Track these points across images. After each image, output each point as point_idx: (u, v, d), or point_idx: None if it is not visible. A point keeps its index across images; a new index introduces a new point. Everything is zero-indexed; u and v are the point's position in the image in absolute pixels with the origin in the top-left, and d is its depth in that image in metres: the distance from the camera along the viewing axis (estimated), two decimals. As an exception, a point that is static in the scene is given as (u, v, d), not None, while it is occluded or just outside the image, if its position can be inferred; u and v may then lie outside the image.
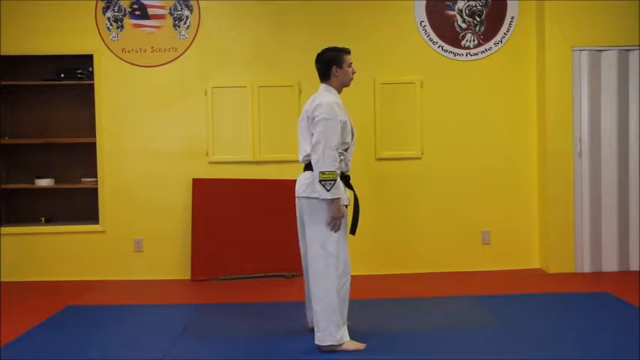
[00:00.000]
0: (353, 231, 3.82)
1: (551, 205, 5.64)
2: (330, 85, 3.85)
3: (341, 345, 3.66)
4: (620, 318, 4.27)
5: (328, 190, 3.56)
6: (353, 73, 3.88)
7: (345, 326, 3.74)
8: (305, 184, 3.75)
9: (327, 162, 3.56)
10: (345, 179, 3.81)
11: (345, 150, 3.77)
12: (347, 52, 3.88)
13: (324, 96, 3.75)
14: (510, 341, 3.83)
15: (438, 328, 4.10)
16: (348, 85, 3.92)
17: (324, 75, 3.86)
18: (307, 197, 3.71)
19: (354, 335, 3.78)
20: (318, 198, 3.62)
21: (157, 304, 4.90)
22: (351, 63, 3.87)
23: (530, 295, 4.94)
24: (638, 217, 5.65)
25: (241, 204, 5.69)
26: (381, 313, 4.49)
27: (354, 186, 3.90)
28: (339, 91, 3.88)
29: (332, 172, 3.56)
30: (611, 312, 4.43)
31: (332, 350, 3.66)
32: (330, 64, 3.82)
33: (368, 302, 4.73)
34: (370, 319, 4.32)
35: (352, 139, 3.83)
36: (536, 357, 3.59)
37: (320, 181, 3.57)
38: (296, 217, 3.99)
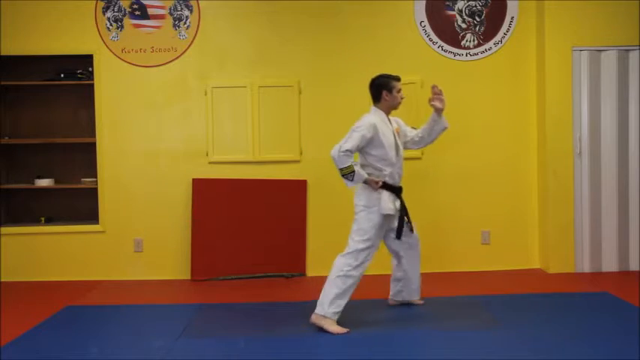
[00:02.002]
0: (398, 235, 4.33)
1: (551, 205, 5.64)
2: (378, 107, 4.35)
3: (325, 319, 4.06)
4: (620, 318, 4.27)
5: (352, 180, 4.14)
6: (401, 99, 4.35)
7: (338, 310, 4.10)
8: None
9: (341, 161, 4.11)
10: (395, 190, 4.30)
11: (389, 165, 4.25)
12: (397, 79, 4.35)
13: (368, 116, 4.29)
14: (510, 341, 3.83)
15: (438, 328, 4.10)
16: (396, 109, 4.40)
17: (375, 98, 4.36)
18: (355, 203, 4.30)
19: (349, 335, 3.87)
20: (358, 204, 4.26)
21: (157, 304, 4.90)
22: (400, 89, 4.34)
23: (530, 295, 4.95)
24: (638, 217, 5.65)
25: (241, 204, 5.70)
26: (381, 313, 4.49)
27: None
28: (388, 113, 4.38)
29: (347, 167, 4.11)
30: (611, 312, 4.43)
31: (319, 324, 4.06)
32: (381, 89, 4.31)
33: (368, 302, 4.73)
34: (370, 319, 4.33)
35: (397, 155, 4.31)
36: (536, 357, 3.59)
37: (342, 175, 4.14)
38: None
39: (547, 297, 4.90)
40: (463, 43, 5.79)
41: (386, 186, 4.23)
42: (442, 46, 5.79)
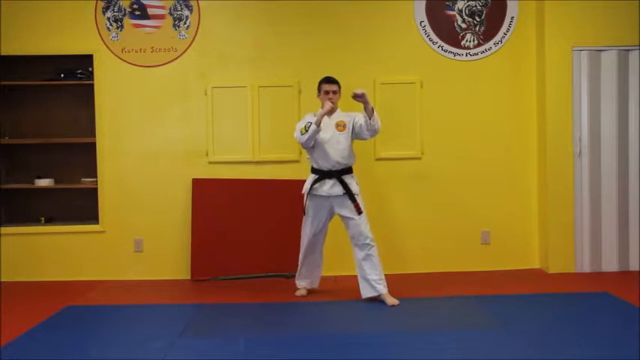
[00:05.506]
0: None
1: (551, 205, 5.64)
2: None
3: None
4: (620, 318, 4.27)
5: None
6: (324, 105, 4.71)
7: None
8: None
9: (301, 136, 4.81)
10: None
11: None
12: (324, 80, 4.82)
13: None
14: (510, 341, 3.83)
15: (438, 328, 4.10)
16: (331, 111, 4.76)
17: None
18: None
19: (350, 335, 3.79)
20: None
21: (157, 304, 4.90)
22: (328, 91, 4.77)
23: (530, 295, 4.95)
24: (638, 217, 5.65)
25: (241, 204, 5.69)
26: (381, 313, 4.49)
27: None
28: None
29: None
30: (611, 312, 4.44)
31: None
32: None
33: (368, 302, 4.73)
34: (370, 319, 4.33)
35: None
36: (536, 357, 3.59)
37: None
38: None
39: (547, 297, 4.90)
40: (463, 43, 5.79)
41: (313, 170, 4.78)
42: (442, 46, 5.79)
